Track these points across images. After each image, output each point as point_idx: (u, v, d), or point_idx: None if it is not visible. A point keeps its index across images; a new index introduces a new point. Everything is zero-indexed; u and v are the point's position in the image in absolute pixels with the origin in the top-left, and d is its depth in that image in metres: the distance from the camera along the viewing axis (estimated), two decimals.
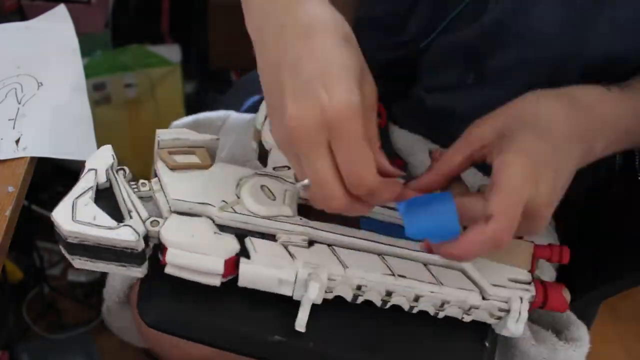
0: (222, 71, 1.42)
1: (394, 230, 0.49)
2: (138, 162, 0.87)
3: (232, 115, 0.77)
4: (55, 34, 0.68)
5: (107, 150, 0.48)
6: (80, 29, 0.69)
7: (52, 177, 1.23)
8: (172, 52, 1.26)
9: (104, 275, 1.17)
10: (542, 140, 0.41)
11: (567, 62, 0.50)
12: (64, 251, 0.44)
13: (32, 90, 0.60)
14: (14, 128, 0.56)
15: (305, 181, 0.39)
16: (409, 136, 0.64)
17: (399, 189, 0.40)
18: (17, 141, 0.55)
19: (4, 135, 0.55)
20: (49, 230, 1.22)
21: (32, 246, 1.08)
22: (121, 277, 0.61)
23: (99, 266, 0.44)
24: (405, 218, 0.40)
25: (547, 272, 0.59)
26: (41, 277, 1.11)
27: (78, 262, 0.44)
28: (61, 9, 0.70)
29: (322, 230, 0.47)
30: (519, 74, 0.53)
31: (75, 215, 0.43)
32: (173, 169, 0.48)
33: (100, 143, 0.59)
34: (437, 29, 0.58)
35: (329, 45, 0.38)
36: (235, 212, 0.46)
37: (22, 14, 0.84)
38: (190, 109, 0.81)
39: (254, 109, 0.80)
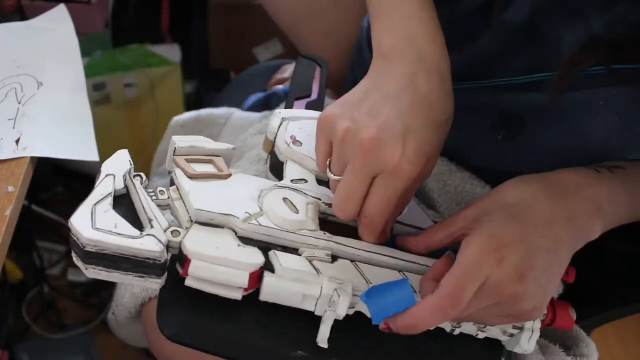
0: (222, 71, 1.42)
1: None
2: (138, 162, 0.87)
3: (236, 113, 0.77)
4: (55, 34, 0.68)
5: (124, 155, 0.46)
6: (80, 29, 0.69)
7: (52, 177, 1.24)
8: (172, 52, 1.26)
9: None
10: (514, 220, 0.42)
11: (608, 157, 0.50)
12: (77, 260, 0.42)
13: (32, 90, 0.60)
14: (14, 128, 0.56)
15: (337, 177, 0.46)
16: None
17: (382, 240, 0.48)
18: (17, 141, 0.55)
19: (4, 135, 0.55)
20: (49, 230, 1.22)
21: (32, 246, 1.08)
22: (132, 294, 0.59)
23: (115, 277, 0.42)
24: (370, 307, 0.43)
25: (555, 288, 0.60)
26: (41, 277, 1.11)
27: (92, 272, 0.41)
28: (61, 9, 0.70)
29: (346, 245, 0.46)
30: (552, 154, 0.53)
31: (95, 223, 0.41)
32: (192, 178, 0.46)
33: (100, 143, 0.59)
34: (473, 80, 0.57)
35: (436, 117, 0.45)
36: (260, 225, 0.45)
37: (22, 14, 0.85)
38: (190, 109, 0.80)
39: (256, 107, 0.80)
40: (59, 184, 1.25)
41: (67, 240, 0.42)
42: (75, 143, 0.58)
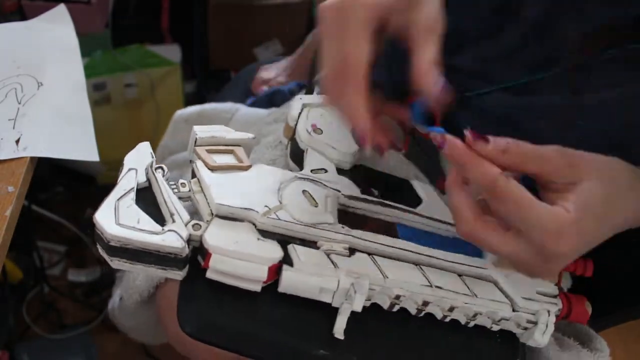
0: (222, 71, 1.42)
1: (431, 240, 0.49)
2: None
3: (242, 109, 0.76)
4: (55, 34, 0.68)
5: (146, 148, 0.47)
6: (80, 29, 0.69)
7: (52, 177, 1.24)
8: (172, 52, 1.26)
9: (104, 275, 1.17)
10: (605, 218, 0.40)
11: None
12: (102, 252, 0.43)
13: (32, 90, 0.60)
14: (14, 128, 0.56)
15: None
16: None
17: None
18: (17, 141, 0.55)
19: (4, 135, 0.55)
20: (49, 230, 1.21)
21: (32, 246, 1.08)
22: (145, 276, 0.59)
23: (138, 268, 0.43)
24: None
25: (564, 280, 0.60)
26: (41, 277, 1.11)
27: (117, 263, 0.42)
28: (61, 9, 0.70)
29: (364, 239, 0.46)
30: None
31: (118, 219, 0.41)
32: (213, 169, 0.47)
33: (100, 143, 0.59)
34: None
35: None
36: (279, 219, 0.45)
37: (22, 14, 0.84)
38: None
39: (260, 103, 0.80)
40: (59, 184, 1.25)
41: (67, 240, 0.43)
42: (75, 143, 0.58)
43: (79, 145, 0.58)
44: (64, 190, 1.25)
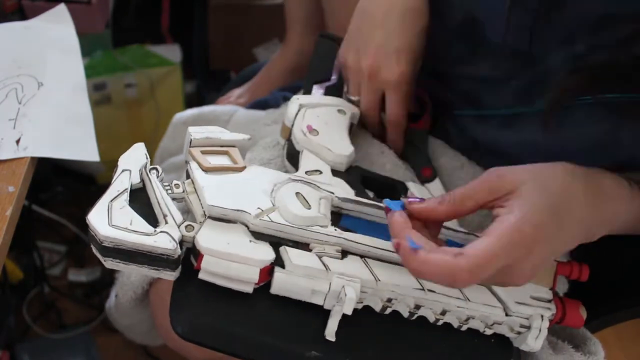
0: (222, 71, 1.42)
1: None
2: None
3: (240, 110, 0.77)
4: (55, 34, 0.68)
5: (140, 149, 0.47)
6: (80, 29, 0.69)
7: (52, 177, 1.24)
8: (172, 52, 1.26)
9: (104, 275, 1.17)
10: (555, 217, 0.40)
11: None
12: (96, 252, 0.43)
13: (33, 90, 0.60)
14: (14, 128, 0.56)
15: (355, 98, 0.59)
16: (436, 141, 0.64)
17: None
18: (18, 141, 0.55)
19: (4, 135, 0.55)
20: (49, 230, 1.21)
21: (32, 246, 1.08)
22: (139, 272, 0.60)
23: (132, 268, 0.43)
24: None
25: (560, 284, 0.59)
26: (41, 277, 1.11)
27: (110, 263, 0.43)
28: (61, 9, 0.70)
29: (356, 242, 0.46)
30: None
31: (111, 220, 0.42)
32: (207, 171, 0.47)
33: (100, 143, 0.59)
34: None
35: (417, 29, 0.56)
36: (271, 221, 0.45)
37: (22, 14, 0.84)
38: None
39: (260, 105, 0.80)
40: (59, 184, 1.25)
41: (67, 240, 0.43)
42: (75, 143, 0.58)
43: (79, 145, 0.58)
44: (64, 190, 1.25)
